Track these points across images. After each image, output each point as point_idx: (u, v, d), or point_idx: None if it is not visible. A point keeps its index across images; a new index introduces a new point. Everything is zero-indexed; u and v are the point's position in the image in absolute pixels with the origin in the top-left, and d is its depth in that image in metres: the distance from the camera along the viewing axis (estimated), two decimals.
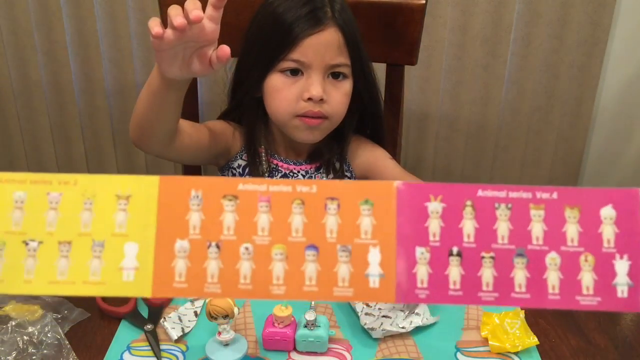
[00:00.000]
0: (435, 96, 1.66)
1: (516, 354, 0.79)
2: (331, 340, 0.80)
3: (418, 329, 0.83)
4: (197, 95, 1.25)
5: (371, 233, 0.35)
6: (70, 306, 0.85)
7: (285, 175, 1.10)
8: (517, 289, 0.35)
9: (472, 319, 0.85)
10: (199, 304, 0.87)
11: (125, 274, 0.35)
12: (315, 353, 0.79)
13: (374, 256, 0.35)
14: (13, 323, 0.79)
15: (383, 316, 0.82)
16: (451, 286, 0.35)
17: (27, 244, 0.35)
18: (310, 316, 0.78)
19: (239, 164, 1.10)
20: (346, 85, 1.03)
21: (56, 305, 0.85)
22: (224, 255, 0.35)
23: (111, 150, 1.73)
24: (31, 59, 1.61)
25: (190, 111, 1.24)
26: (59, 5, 1.55)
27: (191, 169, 1.29)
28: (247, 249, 0.35)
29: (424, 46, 1.55)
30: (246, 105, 1.08)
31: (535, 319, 0.86)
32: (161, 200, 0.36)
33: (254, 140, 1.09)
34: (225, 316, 0.75)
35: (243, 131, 1.10)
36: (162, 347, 0.80)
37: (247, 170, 1.10)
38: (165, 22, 0.77)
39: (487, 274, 0.35)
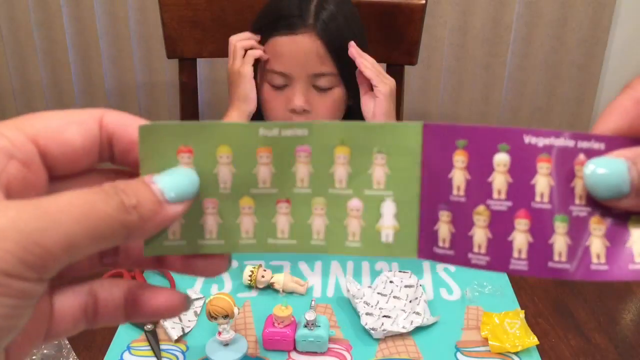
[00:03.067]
0: (435, 96, 1.66)
1: (516, 354, 0.79)
2: (331, 340, 0.80)
3: (418, 329, 0.83)
4: (197, 95, 1.25)
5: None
6: None
7: None
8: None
9: (472, 319, 0.85)
10: (199, 304, 0.87)
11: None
12: (315, 353, 0.79)
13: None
14: None
15: (384, 316, 0.82)
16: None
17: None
18: (310, 316, 0.78)
19: None
20: (334, 94, 1.02)
21: None
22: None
23: None
24: (31, 59, 1.61)
25: (191, 111, 1.24)
26: (59, 5, 1.55)
27: None
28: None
29: (424, 46, 1.55)
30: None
31: (535, 319, 0.86)
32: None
33: None
34: (225, 316, 0.75)
35: None
36: (162, 347, 0.80)
37: None
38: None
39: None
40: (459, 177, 0.31)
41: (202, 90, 1.62)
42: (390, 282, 0.87)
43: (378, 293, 0.86)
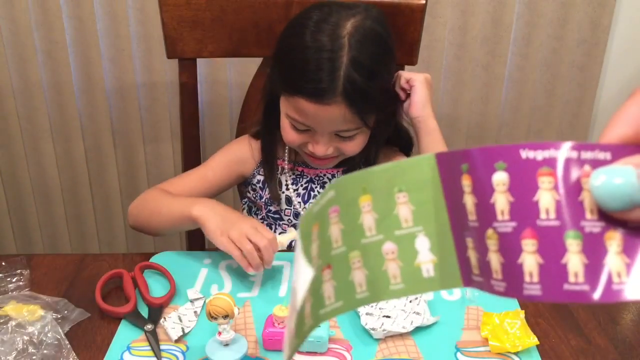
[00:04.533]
0: (435, 96, 1.66)
1: (516, 354, 0.79)
2: (331, 340, 0.80)
3: (418, 329, 0.83)
4: (197, 95, 1.25)
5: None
6: (70, 306, 0.85)
7: (311, 181, 1.09)
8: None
9: (472, 319, 0.85)
10: (199, 304, 0.87)
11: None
12: (315, 353, 0.79)
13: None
14: (13, 323, 0.79)
15: (384, 316, 0.82)
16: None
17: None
18: None
19: (258, 180, 1.10)
20: (359, 139, 0.99)
21: (56, 305, 0.85)
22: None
23: (111, 150, 1.73)
24: (31, 59, 1.60)
25: (191, 111, 1.24)
26: (59, 5, 1.55)
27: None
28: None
29: (424, 46, 1.55)
30: (266, 117, 1.06)
31: (535, 319, 0.86)
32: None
33: (270, 155, 1.08)
34: (225, 316, 0.75)
35: (260, 146, 1.09)
36: (162, 347, 0.80)
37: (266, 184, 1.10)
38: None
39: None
40: (469, 202, 0.30)
41: (202, 90, 1.62)
42: None
43: None
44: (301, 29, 0.94)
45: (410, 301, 0.85)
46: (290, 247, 0.98)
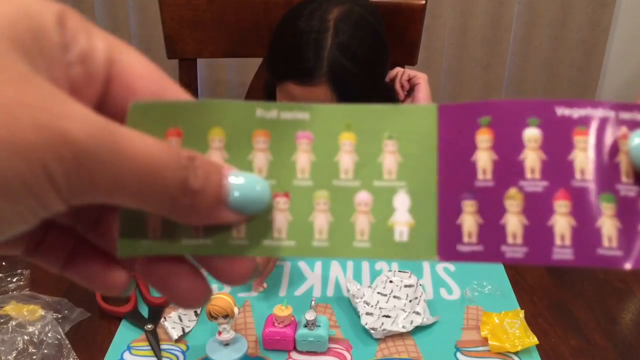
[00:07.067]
0: (435, 96, 1.66)
1: (516, 353, 0.79)
2: (331, 340, 0.80)
3: (418, 329, 0.83)
4: (197, 96, 1.25)
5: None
6: (70, 306, 0.86)
7: None
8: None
9: (471, 319, 0.85)
10: None
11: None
12: (315, 353, 0.79)
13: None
14: (13, 323, 0.79)
15: (384, 316, 0.82)
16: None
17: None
18: (310, 316, 0.78)
19: None
20: None
21: (56, 305, 0.85)
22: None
23: None
24: None
25: None
26: None
27: None
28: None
29: (424, 46, 1.55)
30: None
31: (535, 318, 0.86)
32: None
33: None
34: (225, 316, 0.75)
35: None
36: (162, 346, 0.80)
37: None
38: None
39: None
40: (484, 158, 0.27)
41: (202, 91, 1.62)
42: (390, 281, 0.87)
43: (378, 293, 0.86)
44: (292, 19, 0.99)
45: (410, 301, 0.85)
46: None
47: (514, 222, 0.27)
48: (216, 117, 0.26)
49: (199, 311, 0.86)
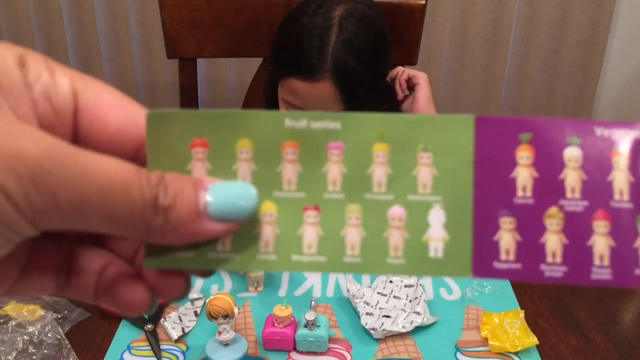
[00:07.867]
0: (435, 96, 1.66)
1: (516, 354, 0.79)
2: (331, 340, 0.80)
3: (418, 329, 0.83)
4: (197, 95, 1.25)
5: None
6: (70, 306, 0.86)
7: None
8: None
9: (472, 319, 0.85)
10: (199, 304, 0.87)
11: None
12: (315, 353, 0.79)
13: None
14: (13, 323, 0.79)
15: (384, 316, 0.82)
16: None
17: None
18: (310, 316, 0.78)
19: None
20: None
21: (56, 305, 0.85)
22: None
23: None
24: None
25: None
26: (59, 5, 1.55)
27: None
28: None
29: (424, 46, 1.55)
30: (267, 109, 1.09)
31: (535, 318, 0.86)
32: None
33: None
34: (225, 316, 0.75)
35: None
36: (162, 347, 0.80)
37: None
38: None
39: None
40: (524, 175, 0.27)
41: (202, 90, 1.62)
42: (390, 281, 0.87)
43: (378, 293, 0.86)
44: (297, 15, 0.99)
45: (410, 301, 0.85)
46: None
47: (554, 241, 0.26)
48: (244, 128, 0.25)
49: (199, 311, 0.86)
